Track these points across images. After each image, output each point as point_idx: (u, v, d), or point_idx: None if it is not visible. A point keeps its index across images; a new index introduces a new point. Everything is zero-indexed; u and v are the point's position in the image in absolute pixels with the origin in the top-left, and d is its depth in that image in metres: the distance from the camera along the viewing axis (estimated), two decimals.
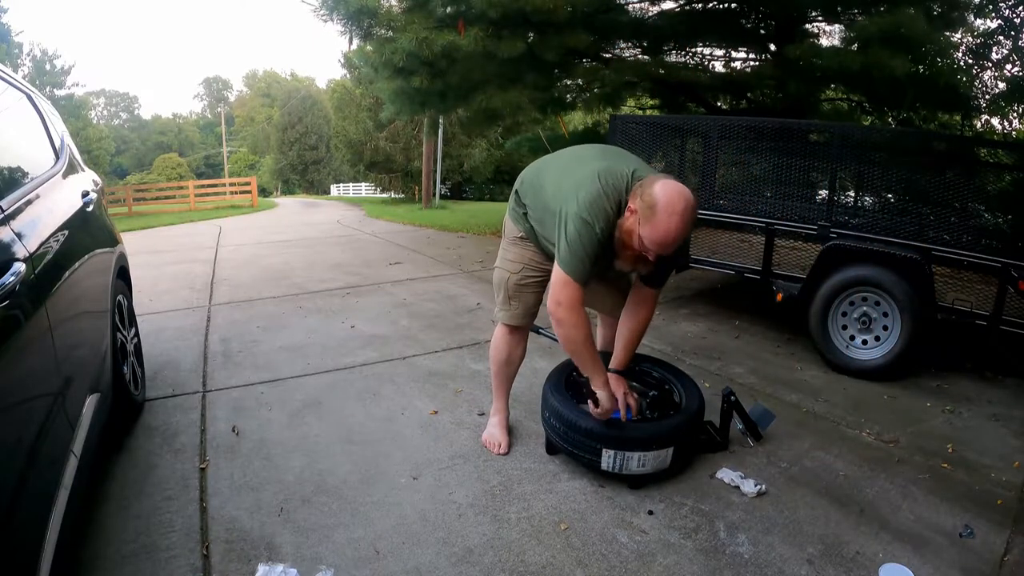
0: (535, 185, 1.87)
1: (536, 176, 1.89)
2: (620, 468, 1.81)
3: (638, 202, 1.56)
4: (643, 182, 1.59)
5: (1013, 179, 3.01)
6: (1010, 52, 6.61)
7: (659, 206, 1.50)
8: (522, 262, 1.97)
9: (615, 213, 1.62)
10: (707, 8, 6.54)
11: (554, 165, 1.87)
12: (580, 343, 1.73)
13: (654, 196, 1.51)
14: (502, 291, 2.00)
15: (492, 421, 2.18)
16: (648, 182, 1.56)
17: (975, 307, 2.71)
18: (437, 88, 6.24)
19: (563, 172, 1.78)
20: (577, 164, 1.77)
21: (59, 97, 26.85)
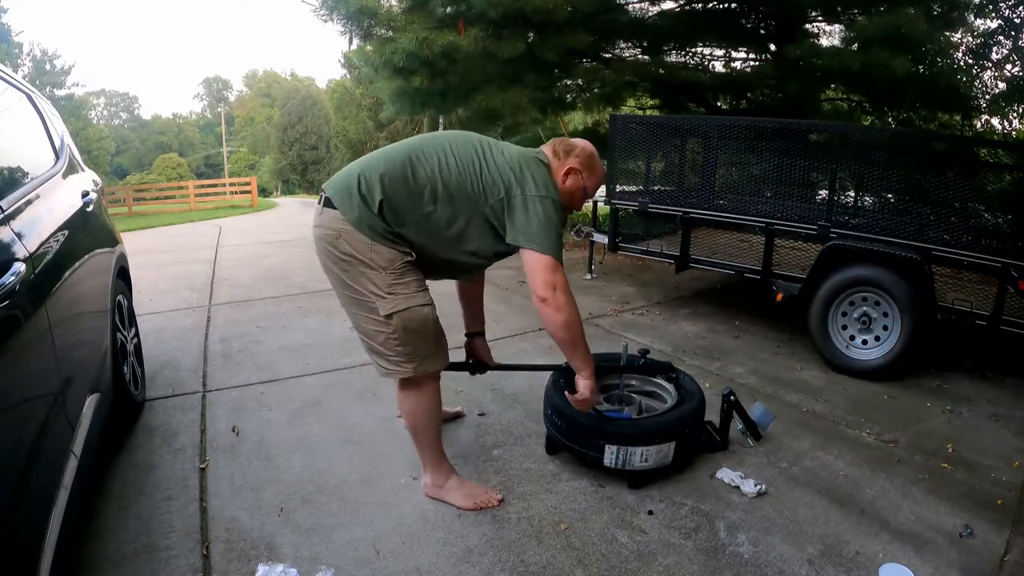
0: (421, 189, 1.59)
1: (412, 182, 1.59)
2: (623, 464, 1.81)
3: (575, 161, 1.74)
4: (555, 149, 1.78)
5: (1013, 179, 3.01)
6: (1010, 52, 6.62)
7: (592, 154, 1.77)
8: (426, 288, 1.67)
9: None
10: (707, 8, 6.55)
11: (428, 163, 1.61)
12: (580, 327, 1.66)
13: (584, 150, 1.77)
14: (424, 333, 1.62)
15: (451, 483, 1.79)
16: (561, 146, 1.78)
17: (975, 307, 2.71)
18: (437, 88, 6.24)
19: (467, 163, 1.63)
20: (476, 152, 1.66)
21: (59, 97, 26.86)
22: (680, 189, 4.27)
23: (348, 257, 1.58)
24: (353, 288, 1.61)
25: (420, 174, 1.59)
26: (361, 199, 1.56)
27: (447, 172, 1.61)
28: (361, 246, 1.57)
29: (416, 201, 1.59)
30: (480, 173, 1.62)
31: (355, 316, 1.66)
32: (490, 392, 2.61)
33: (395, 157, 1.63)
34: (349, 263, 1.59)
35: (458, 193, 1.61)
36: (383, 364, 1.65)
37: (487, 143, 1.72)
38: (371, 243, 1.56)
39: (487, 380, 2.74)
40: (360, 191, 1.57)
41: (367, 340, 1.66)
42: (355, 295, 1.61)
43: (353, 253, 1.57)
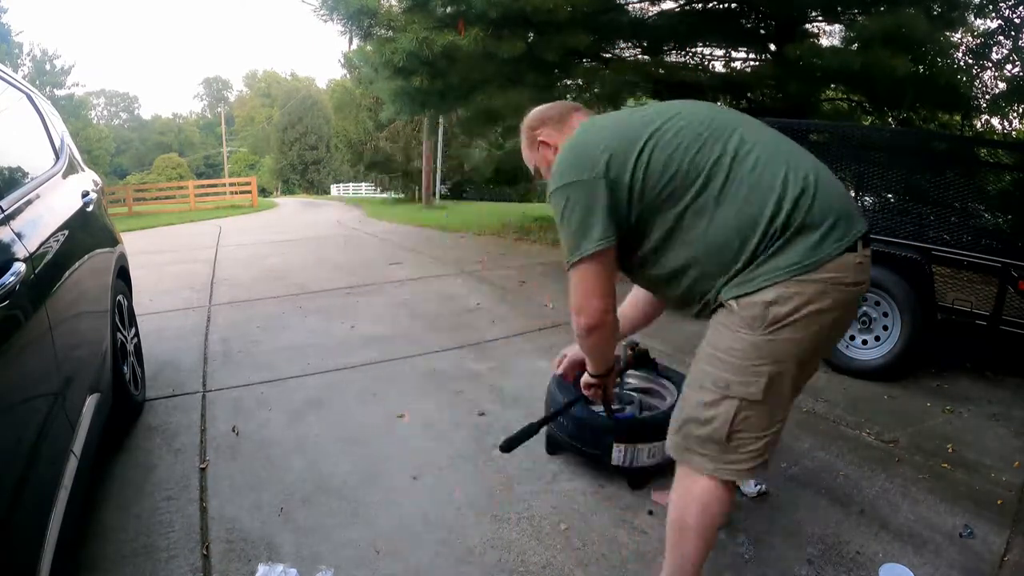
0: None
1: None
2: (631, 462, 1.80)
3: (542, 132, 1.43)
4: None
5: (1013, 179, 3.01)
6: (1010, 52, 6.62)
7: (542, 114, 1.45)
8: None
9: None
10: (707, 8, 6.54)
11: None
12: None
13: (535, 114, 1.46)
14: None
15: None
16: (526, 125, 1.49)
17: (975, 307, 2.71)
18: (437, 88, 6.25)
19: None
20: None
21: (59, 97, 26.88)
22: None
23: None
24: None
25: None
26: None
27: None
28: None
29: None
30: None
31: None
32: (490, 392, 2.61)
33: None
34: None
35: None
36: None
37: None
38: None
39: (487, 380, 2.75)
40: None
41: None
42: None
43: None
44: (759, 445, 1.13)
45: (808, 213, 1.04)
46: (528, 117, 1.44)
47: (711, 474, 1.16)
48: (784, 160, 1.10)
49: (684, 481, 1.21)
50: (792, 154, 1.13)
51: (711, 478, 1.16)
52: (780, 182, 1.06)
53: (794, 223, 1.04)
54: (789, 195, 1.05)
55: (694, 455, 1.18)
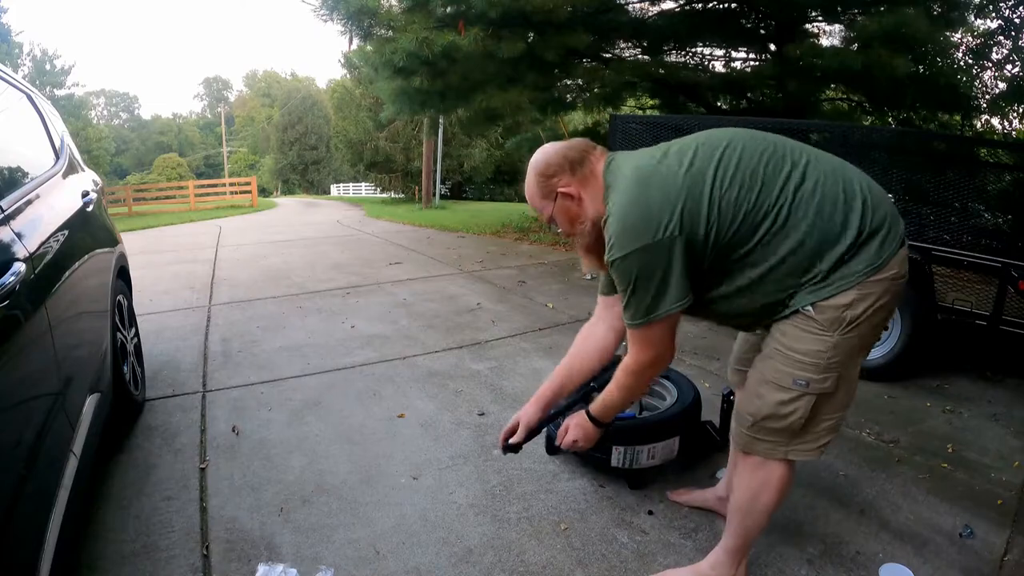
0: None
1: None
2: (631, 463, 1.80)
3: (558, 182, 1.32)
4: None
5: (1013, 179, 3.01)
6: (1010, 52, 6.62)
7: (543, 161, 1.34)
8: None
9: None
10: (707, 8, 6.55)
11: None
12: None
13: (537, 160, 1.36)
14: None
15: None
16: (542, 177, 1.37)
17: (975, 307, 2.71)
18: (437, 88, 6.25)
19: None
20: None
21: (59, 97, 26.88)
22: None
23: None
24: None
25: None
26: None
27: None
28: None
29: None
30: None
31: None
32: (490, 392, 2.61)
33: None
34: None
35: None
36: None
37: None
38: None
39: (487, 380, 2.75)
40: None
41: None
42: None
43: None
44: (830, 424, 1.23)
45: (871, 221, 1.13)
46: (537, 163, 1.30)
47: (782, 457, 1.25)
48: (839, 176, 1.16)
49: (757, 470, 1.28)
50: (842, 168, 1.19)
51: (782, 461, 1.26)
52: (843, 199, 1.13)
53: (863, 233, 1.12)
54: (855, 209, 1.13)
55: (762, 443, 1.26)
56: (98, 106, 57.57)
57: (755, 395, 1.26)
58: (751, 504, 1.31)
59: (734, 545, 1.37)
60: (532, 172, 1.31)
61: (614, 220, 1.17)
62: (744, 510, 1.32)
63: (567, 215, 1.30)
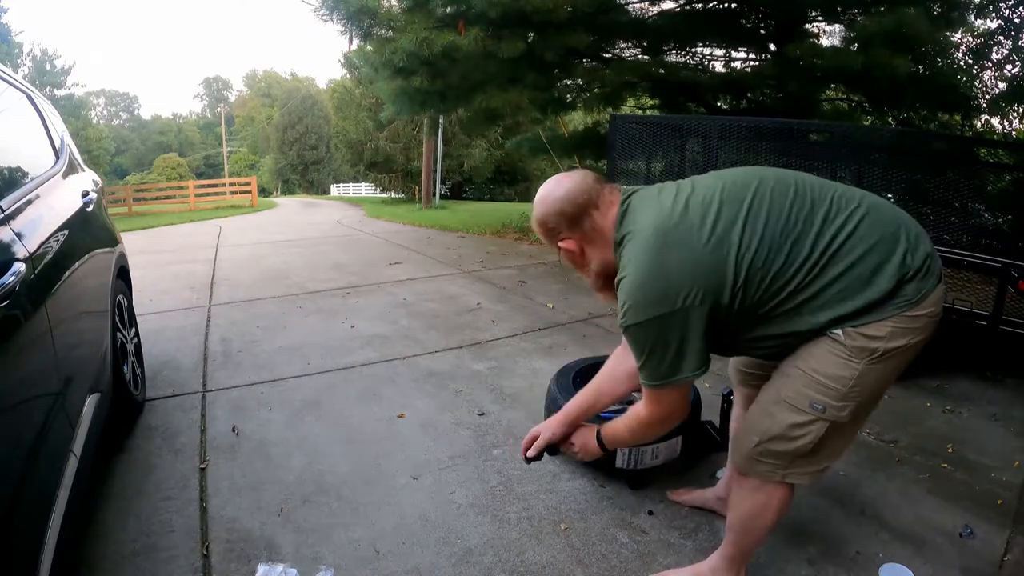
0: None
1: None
2: (636, 464, 1.80)
3: (561, 236, 1.30)
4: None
5: (1013, 179, 3.01)
6: (1010, 52, 6.62)
7: (543, 211, 1.29)
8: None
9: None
10: (707, 8, 6.55)
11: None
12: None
13: (539, 210, 1.30)
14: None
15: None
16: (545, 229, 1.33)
17: (975, 307, 2.71)
18: (437, 88, 6.24)
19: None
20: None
21: (59, 97, 26.89)
22: None
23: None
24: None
25: None
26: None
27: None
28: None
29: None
30: None
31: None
32: (490, 392, 2.61)
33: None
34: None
35: None
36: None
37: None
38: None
39: (487, 380, 2.75)
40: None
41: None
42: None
43: None
44: (828, 452, 1.20)
45: (914, 261, 1.07)
46: (539, 209, 1.24)
47: (779, 480, 1.22)
48: (875, 223, 1.10)
49: (756, 492, 1.26)
50: (877, 211, 1.12)
51: (781, 483, 1.23)
52: (886, 244, 1.08)
53: (901, 282, 1.07)
54: (898, 255, 1.07)
55: (762, 465, 1.22)
56: (98, 106, 57.60)
57: (766, 414, 1.21)
58: (749, 524, 1.29)
59: (732, 554, 1.37)
60: (535, 219, 1.27)
61: (630, 286, 1.11)
62: (742, 529, 1.31)
63: (572, 262, 1.29)
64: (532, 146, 8.96)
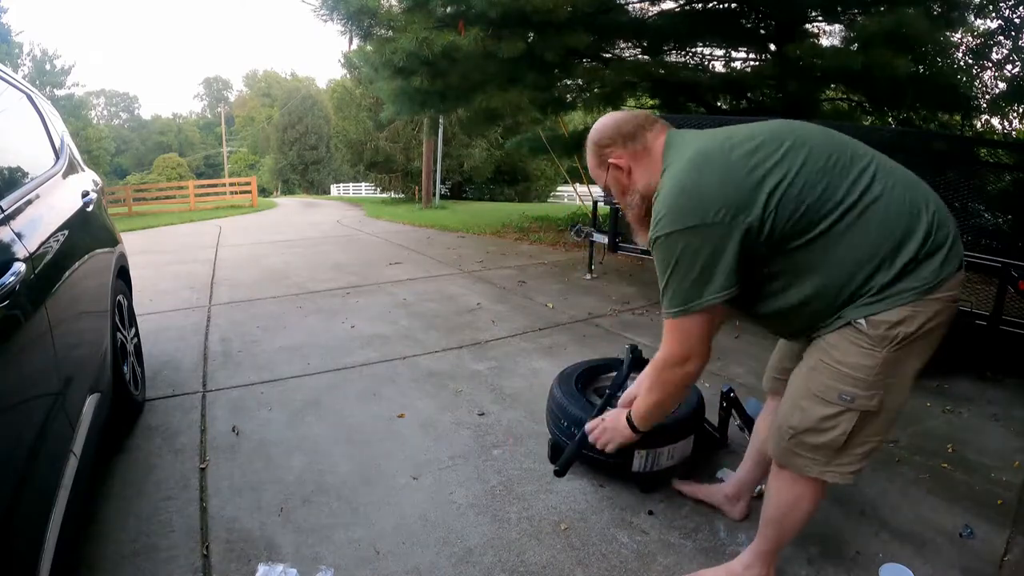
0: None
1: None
2: (652, 466, 1.78)
3: (609, 152, 1.37)
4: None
5: (1013, 179, 3.01)
6: (1010, 52, 6.62)
7: (595, 136, 1.38)
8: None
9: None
10: (707, 8, 6.55)
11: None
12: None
13: (593, 134, 1.39)
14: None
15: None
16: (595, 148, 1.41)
17: (975, 307, 2.71)
18: (437, 88, 6.25)
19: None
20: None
21: (59, 97, 26.88)
22: None
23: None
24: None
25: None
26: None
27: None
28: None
29: None
30: None
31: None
32: (490, 392, 2.61)
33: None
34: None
35: None
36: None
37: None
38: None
39: (487, 380, 2.75)
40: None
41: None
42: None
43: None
44: (867, 448, 1.19)
45: (938, 236, 1.08)
46: (595, 131, 1.32)
47: (817, 476, 1.22)
48: (908, 187, 1.12)
49: (792, 486, 1.26)
50: (912, 180, 1.15)
51: (816, 480, 1.23)
52: (909, 211, 1.09)
53: (927, 248, 1.07)
54: (925, 221, 1.08)
55: (799, 458, 1.23)
56: (98, 106, 57.58)
57: (798, 407, 1.21)
58: (785, 516, 1.30)
59: (767, 550, 1.37)
60: (589, 141, 1.34)
61: (664, 196, 1.15)
62: (777, 522, 1.32)
63: (618, 185, 1.32)
64: (532, 146, 8.96)
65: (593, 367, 2.16)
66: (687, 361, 1.22)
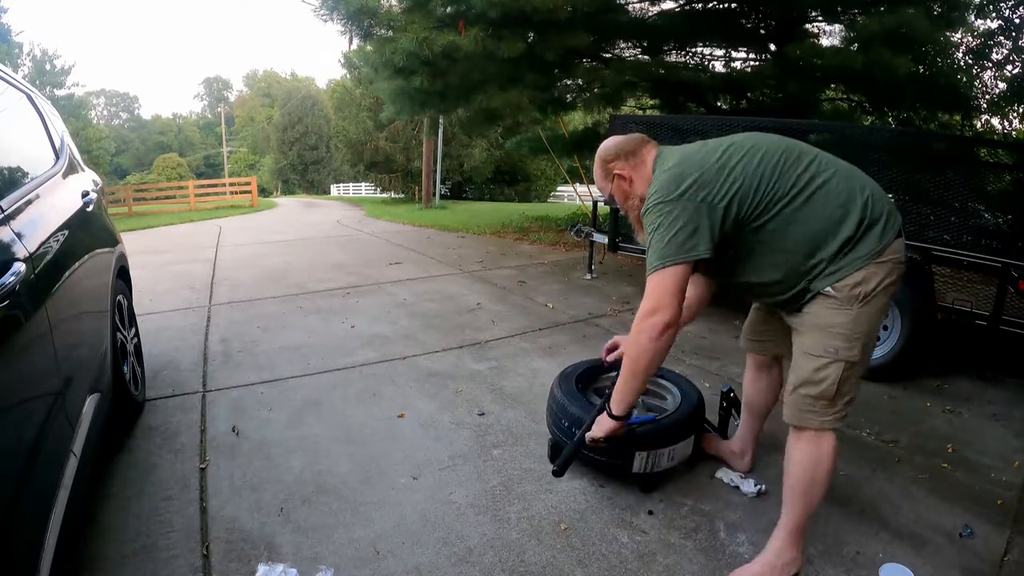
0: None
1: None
2: (652, 467, 1.79)
3: (616, 166, 1.67)
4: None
5: (1013, 179, 3.01)
6: (1010, 52, 6.63)
7: (603, 153, 1.68)
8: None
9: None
10: (707, 8, 6.55)
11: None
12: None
13: (601, 151, 1.70)
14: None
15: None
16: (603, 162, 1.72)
17: (975, 307, 2.71)
18: (437, 88, 6.25)
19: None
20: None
21: (59, 97, 26.90)
22: None
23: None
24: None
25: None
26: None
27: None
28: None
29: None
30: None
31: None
32: (490, 392, 2.61)
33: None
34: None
35: None
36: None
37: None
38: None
39: (487, 380, 2.75)
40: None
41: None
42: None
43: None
44: (848, 398, 1.44)
45: (874, 212, 1.36)
46: (603, 150, 1.64)
47: (821, 427, 1.43)
48: (847, 176, 1.41)
49: (807, 445, 1.45)
50: (850, 170, 1.44)
51: (826, 432, 1.43)
52: (852, 193, 1.37)
53: (867, 221, 1.35)
54: (860, 202, 1.36)
55: (807, 414, 1.44)
56: (98, 106, 57.56)
57: (796, 367, 1.46)
58: (812, 476, 1.44)
59: (796, 523, 1.46)
60: (597, 159, 1.66)
61: (655, 182, 1.46)
62: (804, 485, 1.45)
63: (621, 192, 1.62)
64: (532, 146, 8.96)
65: (594, 367, 2.16)
66: (655, 312, 1.41)
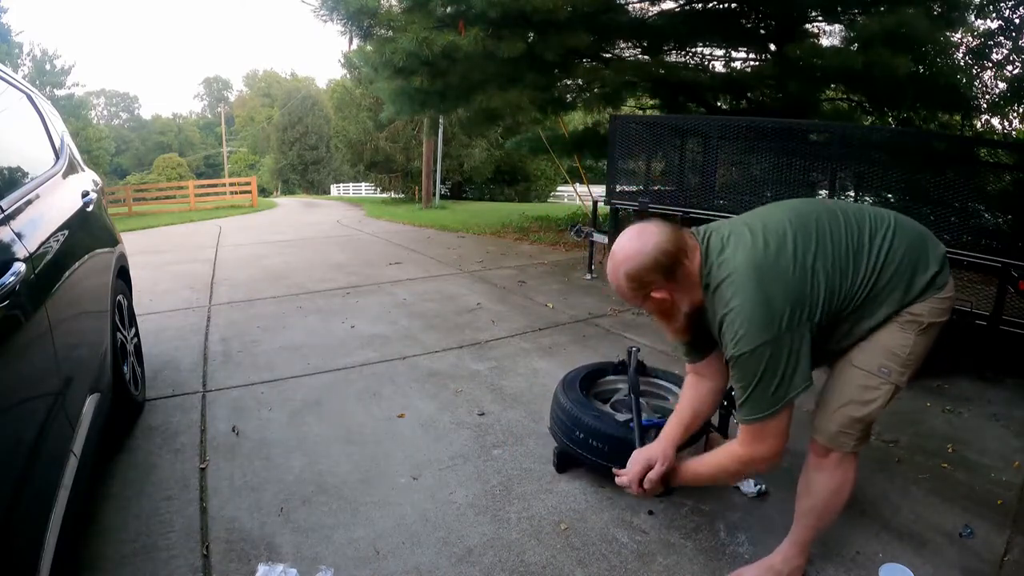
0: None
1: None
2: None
3: (653, 288, 1.39)
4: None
5: (1013, 179, 3.01)
6: (1010, 52, 6.63)
7: (626, 264, 1.33)
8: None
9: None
10: (707, 8, 6.55)
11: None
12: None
13: (619, 263, 1.35)
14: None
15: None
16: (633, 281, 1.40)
17: (975, 307, 2.71)
18: (437, 88, 6.25)
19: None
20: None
21: (59, 97, 26.88)
22: (680, 189, 4.27)
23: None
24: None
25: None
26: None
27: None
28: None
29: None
30: None
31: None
32: (490, 392, 2.61)
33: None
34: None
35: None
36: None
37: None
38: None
39: (487, 380, 2.75)
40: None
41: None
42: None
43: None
44: (870, 426, 1.37)
45: (931, 264, 1.31)
46: (632, 264, 1.26)
47: (852, 450, 1.36)
48: (910, 237, 1.32)
49: (836, 469, 1.38)
50: (901, 222, 1.34)
51: (853, 457, 1.38)
52: (915, 258, 1.30)
53: (929, 274, 1.30)
54: (930, 254, 1.32)
55: (843, 436, 1.35)
56: (98, 106, 57.55)
57: (841, 382, 1.35)
58: (832, 502, 1.40)
59: (808, 539, 1.46)
60: (623, 275, 1.28)
61: (739, 317, 1.20)
62: (823, 510, 1.41)
63: (660, 311, 1.35)
64: (532, 146, 8.96)
65: (593, 371, 2.15)
66: (771, 456, 1.29)
